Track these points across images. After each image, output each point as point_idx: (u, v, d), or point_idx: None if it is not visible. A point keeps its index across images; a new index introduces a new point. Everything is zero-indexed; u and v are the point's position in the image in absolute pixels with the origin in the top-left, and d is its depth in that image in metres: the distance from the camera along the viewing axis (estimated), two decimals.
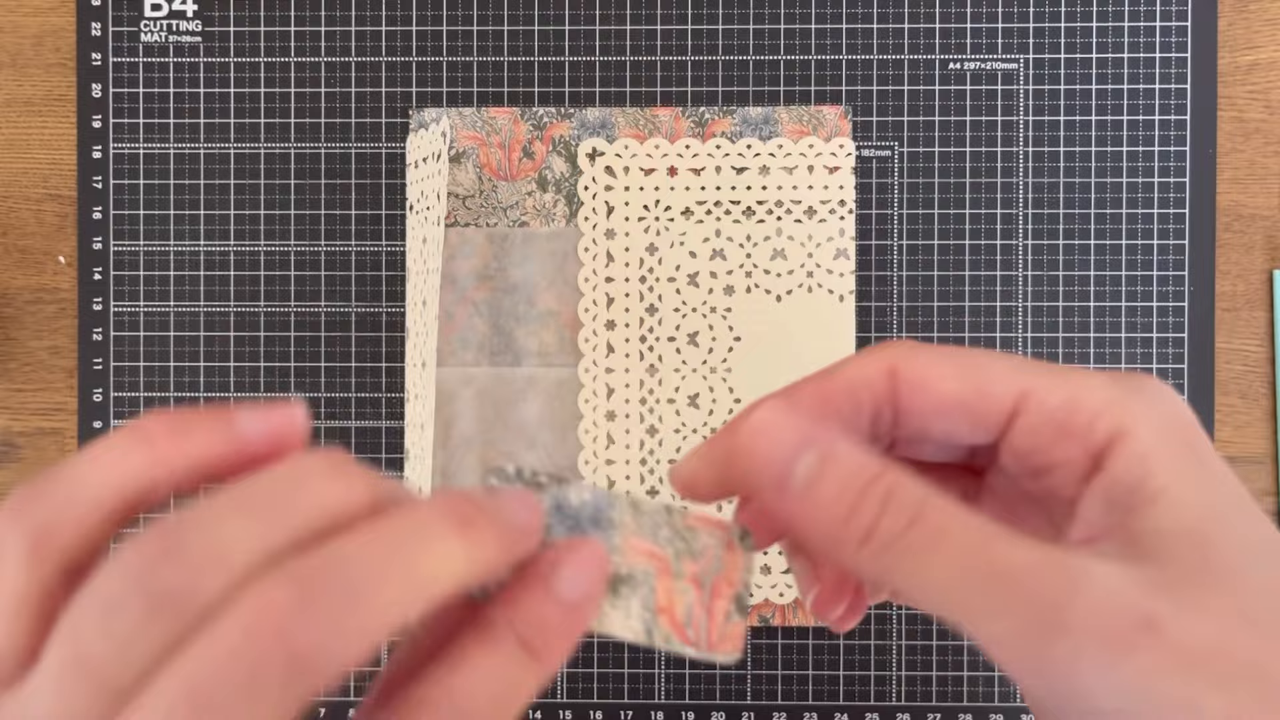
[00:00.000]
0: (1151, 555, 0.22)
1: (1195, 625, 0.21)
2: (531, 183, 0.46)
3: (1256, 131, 0.47)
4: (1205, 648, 0.20)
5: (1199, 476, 0.23)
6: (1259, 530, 0.22)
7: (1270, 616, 0.21)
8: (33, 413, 0.47)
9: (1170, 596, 0.21)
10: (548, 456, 0.46)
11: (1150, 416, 0.23)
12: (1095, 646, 0.20)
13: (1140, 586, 0.21)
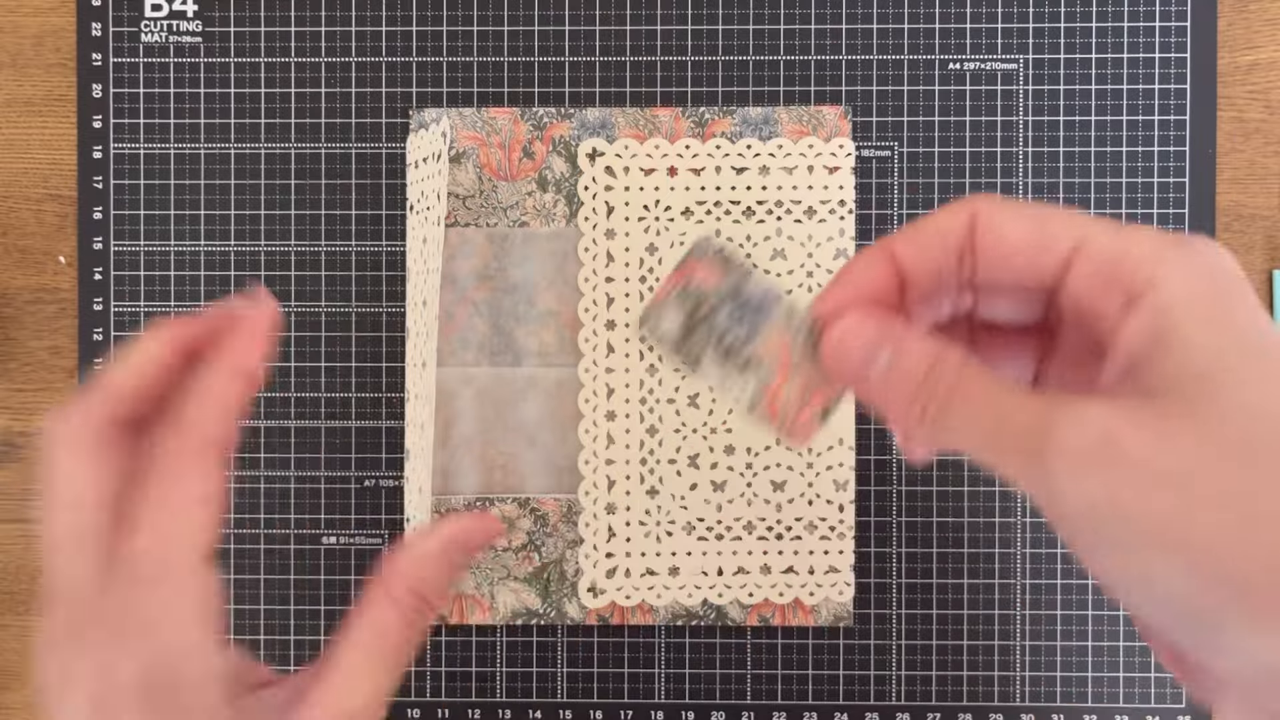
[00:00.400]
0: (1149, 394, 0.24)
1: (1161, 446, 0.23)
2: (531, 183, 0.46)
3: (1256, 132, 0.47)
4: (1171, 468, 0.23)
5: (1220, 325, 0.24)
6: (1265, 376, 0.24)
7: (1252, 450, 0.23)
8: (33, 413, 0.47)
9: (1139, 421, 0.23)
10: (548, 456, 0.46)
11: (1184, 268, 0.25)
12: (1064, 463, 0.23)
13: (1114, 414, 0.24)
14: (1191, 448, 0.23)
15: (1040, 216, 0.27)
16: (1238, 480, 0.23)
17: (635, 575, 0.46)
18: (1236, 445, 0.23)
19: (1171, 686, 0.46)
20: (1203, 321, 0.24)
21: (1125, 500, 0.23)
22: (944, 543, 0.46)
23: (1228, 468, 0.23)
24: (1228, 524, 0.22)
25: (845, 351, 0.28)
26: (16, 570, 0.47)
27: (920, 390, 0.27)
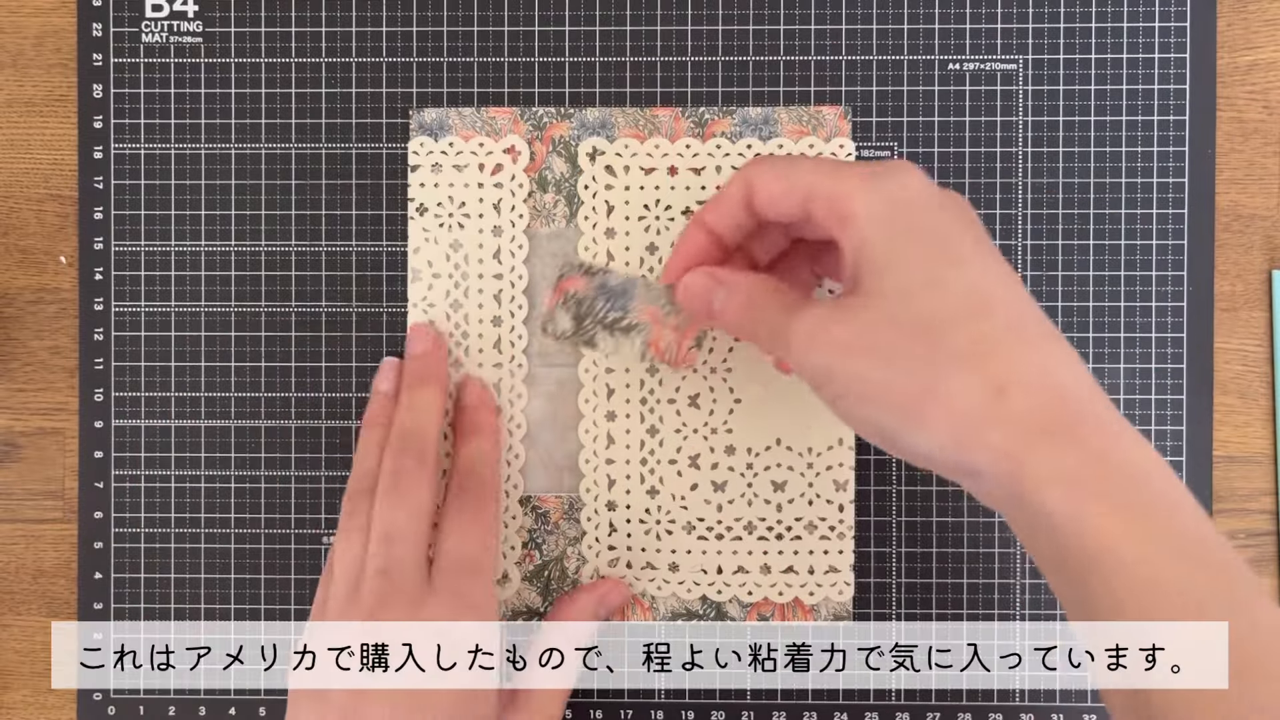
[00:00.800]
0: (853, 291, 0.35)
1: (850, 328, 0.34)
2: (532, 183, 0.46)
3: (1255, 132, 0.47)
4: (855, 342, 0.34)
5: (891, 233, 0.34)
6: (912, 261, 0.34)
7: (896, 319, 0.33)
8: (34, 412, 0.47)
9: (841, 312, 0.34)
10: (548, 455, 0.46)
11: (871, 195, 0.35)
12: (797, 345, 0.35)
13: (826, 310, 0.35)
14: (867, 325, 0.34)
15: (788, 172, 0.37)
16: (889, 342, 0.33)
17: (636, 568, 0.46)
18: (889, 317, 0.34)
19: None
20: (881, 233, 0.34)
21: (834, 367, 0.34)
22: (944, 543, 0.46)
23: (884, 334, 0.33)
24: (889, 373, 0.33)
25: (694, 296, 0.39)
26: (17, 570, 0.47)
27: (750, 314, 0.38)
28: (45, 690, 0.47)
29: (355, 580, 0.40)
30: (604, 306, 0.42)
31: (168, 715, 0.47)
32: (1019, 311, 0.33)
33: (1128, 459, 0.32)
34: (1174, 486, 0.32)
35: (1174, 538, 0.31)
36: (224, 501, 0.47)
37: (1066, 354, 0.33)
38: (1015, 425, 0.32)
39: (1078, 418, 0.32)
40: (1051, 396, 0.32)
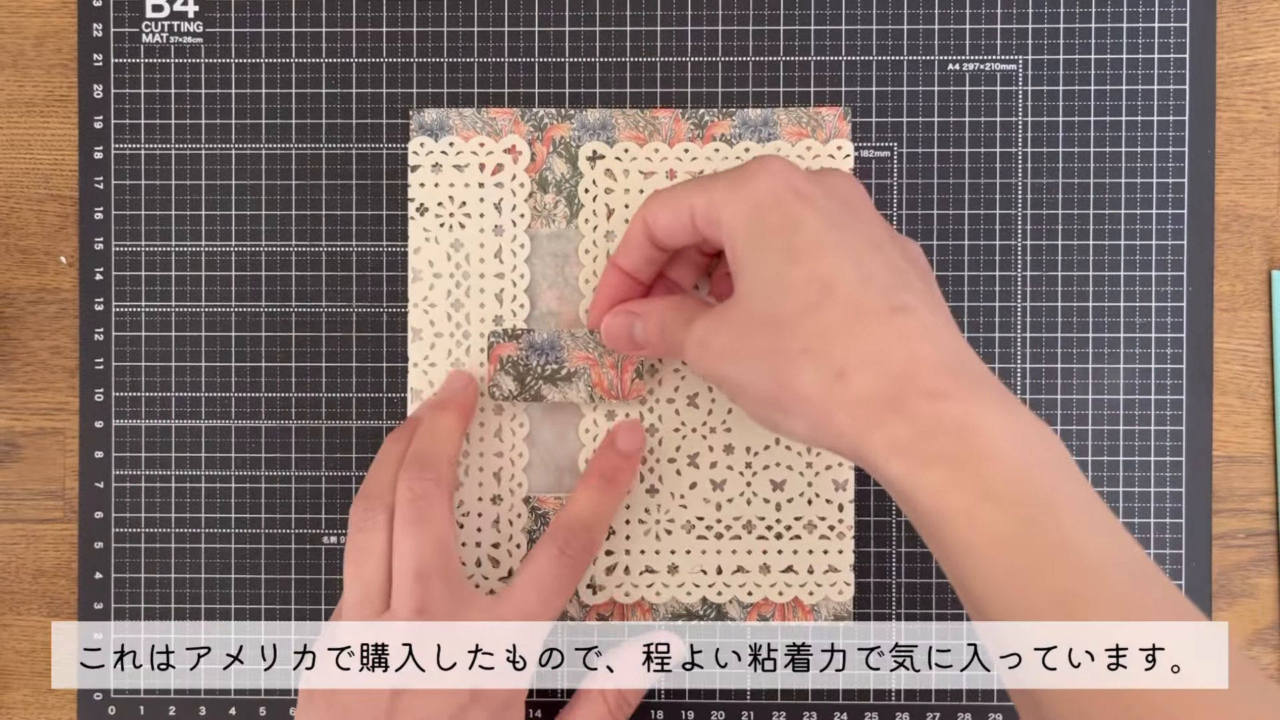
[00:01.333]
0: (724, 303, 0.38)
1: (724, 335, 0.37)
2: (533, 183, 0.46)
3: (1255, 132, 0.47)
4: (727, 347, 0.37)
5: (750, 236, 0.36)
6: (763, 262, 0.36)
7: (753, 319, 0.36)
8: (34, 413, 0.47)
9: (716, 322, 0.38)
10: (548, 455, 0.46)
11: (732, 203, 0.37)
12: (689, 357, 0.39)
13: (706, 322, 0.38)
14: (733, 329, 0.37)
15: (672, 199, 0.39)
16: (749, 345, 0.36)
17: (635, 572, 0.46)
18: (748, 319, 0.36)
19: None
20: (742, 236, 0.37)
21: (718, 373, 0.38)
22: None
23: (745, 337, 0.36)
24: (753, 375, 0.36)
25: (614, 336, 0.43)
26: (17, 570, 0.47)
27: (661, 339, 0.41)
28: (45, 690, 0.47)
29: (376, 613, 0.40)
30: (539, 362, 0.45)
31: (168, 715, 0.47)
32: (860, 293, 0.34)
33: (958, 420, 0.32)
34: (1005, 436, 0.32)
35: (991, 484, 0.32)
36: (224, 501, 0.47)
37: (913, 325, 0.34)
38: (856, 407, 0.33)
39: (912, 390, 0.33)
40: (886, 374, 0.33)
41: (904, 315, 0.34)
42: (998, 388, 0.34)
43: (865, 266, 0.35)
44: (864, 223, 0.37)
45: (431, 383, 0.46)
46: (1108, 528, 0.33)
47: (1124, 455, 0.46)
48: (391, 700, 0.38)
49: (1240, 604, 0.47)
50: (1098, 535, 0.32)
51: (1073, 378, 0.46)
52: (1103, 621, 0.31)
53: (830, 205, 0.36)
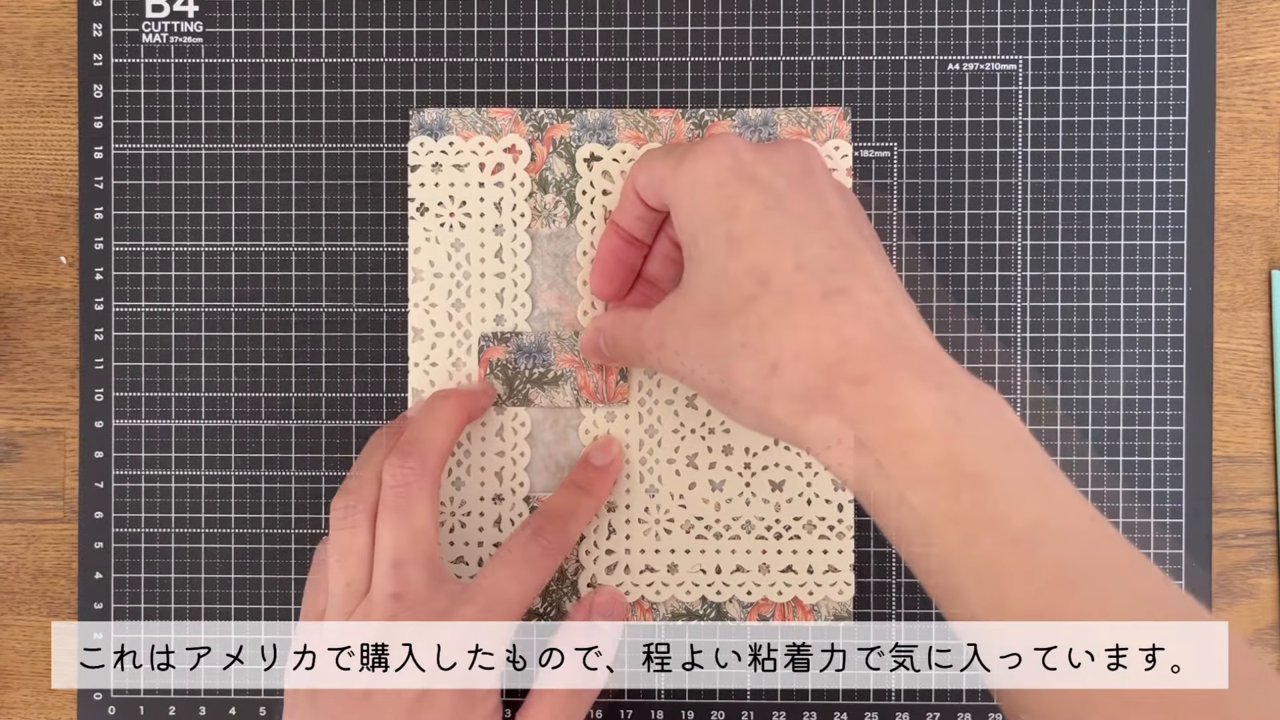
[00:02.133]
0: (672, 293, 0.39)
1: (676, 329, 0.37)
2: (533, 183, 0.46)
3: (1255, 132, 0.47)
4: (678, 340, 0.37)
5: (695, 217, 0.37)
6: (710, 245, 0.36)
7: (701, 304, 0.36)
8: (34, 413, 0.47)
9: (667, 315, 0.38)
10: (548, 455, 0.46)
11: (679, 184, 0.37)
12: (651, 361, 0.40)
13: (657, 316, 0.39)
14: (682, 324, 0.37)
15: (649, 160, 0.39)
16: (696, 340, 0.36)
17: (635, 571, 0.46)
18: (694, 313, 0.36)
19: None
20: (685, 224, 0.37)
21: (674, 368, 0.38)
22: None
23: (693, 332, 0.36)
24: (702, 370, 0.36)
25: (590, 350, 0.44)
26: (17, 570, 0.47)
27: (629, 349, 0.41)
28: (45, 690, 0.47)
29: (358, 601, 0.40)
30: (527, 365, 0.46)
31: (168, 715, 0.47)
32: (794, 281, 0.34)
33: (882, 403, 0.32)
34: (931, 414, 0.32)
35: (917, 465, 0.32)
36: (224, 501, 0.47)
37: (846, 309, 0.34)
38: (790, 400, 0.34)
39: (839, 377, 0.33)
40: (815, 364, 0.33)
41: (839, 299, 0.34)
42: (934, 362, 0.34)
43: (803, 251, 0.35)
44: (811, 197, 0.37)
45: (432, 382, 0.46)
46: (1043, 495, 0.32)
47: (1124, 455, 0.46)
48: (363, 693, 0.38)
49: (1240, 604, 0.47)
50: (1029, 503, 0.32)
51: (1073, 378, 0.46)
52: (1033, 591, 0.31)
53: (775, 181, 0.36)
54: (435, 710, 0.38)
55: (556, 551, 0.43)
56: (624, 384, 0.46)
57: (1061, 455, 0.46)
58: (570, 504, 0.44)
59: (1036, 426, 0.46)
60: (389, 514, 0.40)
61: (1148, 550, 0.46)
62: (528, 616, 0.46)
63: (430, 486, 0.41)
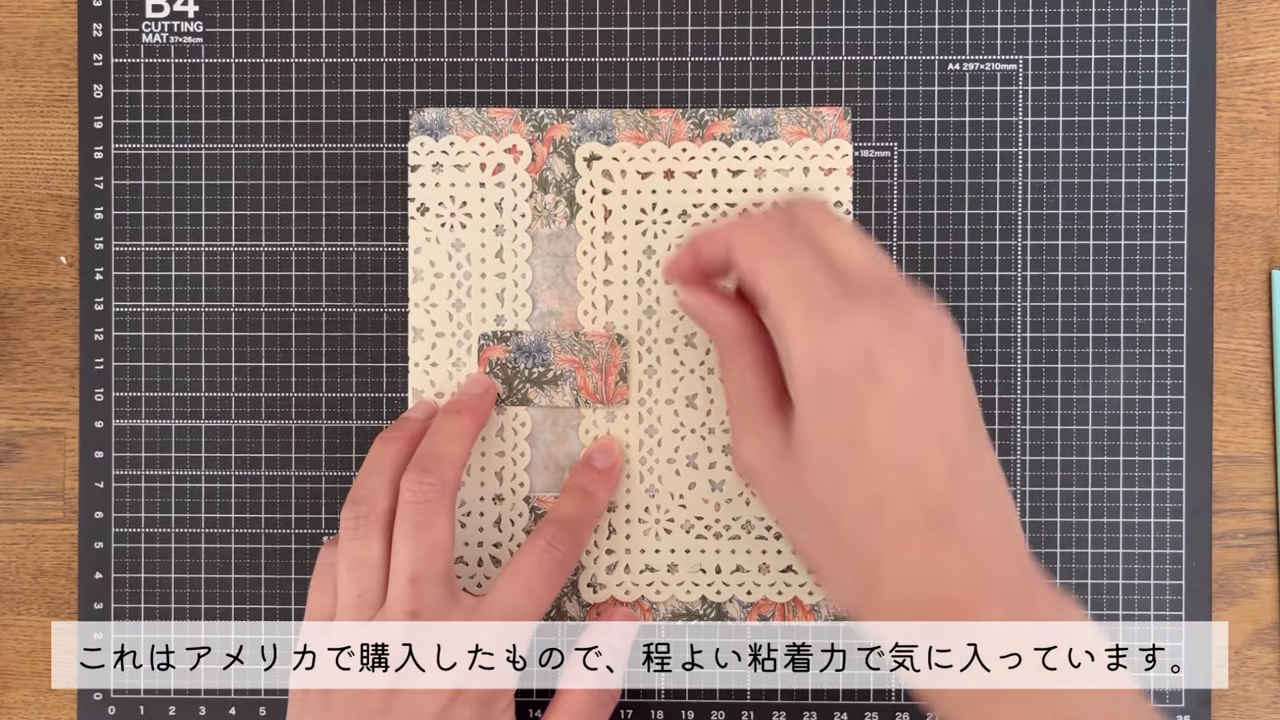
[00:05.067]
0: (782, 435, 0.38)
1: (773, 466, 0.38)
2: (533, 183, 0.46)
3: (1255, 132, 0.47)
4: (775, 486, 0.39)
5: (819, 403, 0.36)
6: (836, 453, 0.35)
7: (814, 497, 0.36)
8: (34, 413, 0.47)
9: (763, 446, 0.38)
10: (548, 455, 0.46)
11: (804, 356, 0.35)
12: (742, 477, 0.44)
13: (756, 445, 0.39)
14: (785, 482, 0.38)
15: (756, 263, 0.37)
16: (801, 510, 0.37)
17: (635, 571, 0.46)
18: (803, 483, 0.37)
19: (1170, 686, 0.46)
20: (806, 397, 0.36)
21: (759, 488, 0.39)
22: None
23: (798, 501, 0.37)
24: (799, 535, 0.39)
25: (691, 309, 0.41)
26: (17, 570, 0.47)
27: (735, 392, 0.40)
28: (45, 690, 0.47)
29: (370, 613, 0.40)
30: (526, 365, 0.46)
31: (168, 715, 0.47)
32: (911, 511, 0.35)
33: (966, 633, 0.34)
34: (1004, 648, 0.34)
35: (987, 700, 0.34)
36: (224, 501, 0.47)
37: (954, 539, 0.34)
38: (882, 612, 0.35)
39: (933, 602, 0.34)
40: (914, 586, 0.34)
41: (947, 528, 0.34)
42: (1023, 593, 0.35)
43: (924, 477, 0.35)
44: (939, 400, 0.35)
45: (433, 382, 0.46)
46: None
47: (1124, 455, 0.46)
48: (385, 699, 0.39)
49: (1240, 604, 0.47)
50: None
51: (1073, 378, 0.46)
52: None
53: (907, 380, 0.35)
54: (454, 715, 0.39)
55: (569, 563, 0.43)
56: (623, 384, 0.46)
57: (1062, 455, 0.46)
58: (576, 511, 0.44)
59: (1037, 426, 0.46)
60: (408, 529, 0.40)
61: (1148, 550, 0.46)
62: None
63: (449, 502, 0.41)
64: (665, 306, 0.46)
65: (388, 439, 0.44)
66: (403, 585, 0.40)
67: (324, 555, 0.43)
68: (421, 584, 0.40)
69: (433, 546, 0.40)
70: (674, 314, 0.46)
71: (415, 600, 0.40)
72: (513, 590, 0.41)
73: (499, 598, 0.41)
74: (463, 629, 0.40)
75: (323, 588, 0.42)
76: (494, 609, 0.41)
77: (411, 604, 0.40)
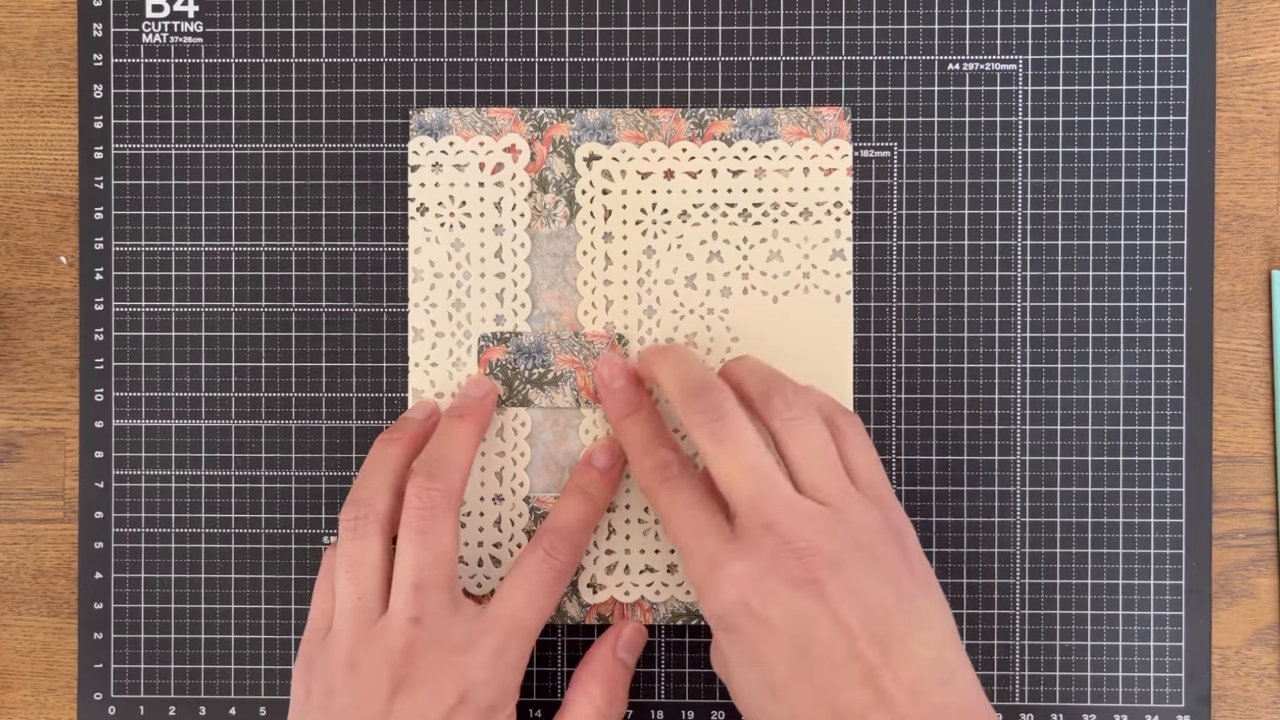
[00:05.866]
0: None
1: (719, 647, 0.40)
2: (533, 182, 0.46)
3: (1255, 132, 0.47)
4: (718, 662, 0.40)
5: (733, 649, 0.38)
6: (762, 694, 0.37)
7: (749, 697, 0.38)
8: (34, 413, 0.47)
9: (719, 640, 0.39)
10: (548, 454, 0.46)
11: (704, 605, 0.38)
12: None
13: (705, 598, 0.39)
14: (728, 661, 0.39)
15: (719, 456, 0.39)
16: (741, 679, 0.38)
17: (635, 571, 0.46)
18: (739, 679, 0.39)
19: (1171, 687, 0.46)
20: (725, 640, 0.39)
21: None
22: (944, 542, 0.46)
23: (737, 674, 0.38)
24: (742, 693, 0.39)
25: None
26: (17, 570, 0.47)
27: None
28: (45, 690, 0.47)
29: (371, 619, 0.40)
30: (527, 366, 0.46)
31: (168, 715, 0.47)
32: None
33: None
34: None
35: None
36: (224, 501, 0.47)
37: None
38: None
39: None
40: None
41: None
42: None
43: (836, 703, 0.35)
44: (828, 623, 0.36)
45: (433, 382, 0.46)
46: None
47: (1124, 455, 0.46)
48: (386, 706, 0.39)
49: (1240, 604, 0.47)
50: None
51: (1073, 378, 0.46)
52: None
53: (785, 619, 0.36)
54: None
55: (569, 570, 0.43)
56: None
57: (1061, 455, 0.46)
58: (576, 514, 0.44)
59: (1037, 426, 0.46)
60: (414, 535, 0.40)
61: (1148, 550, 0.46)
62: None
63: (454, 509, 0.41)
64: (665, 306, 0.46)
65: (388, 440, 0.44)
66: (407, 592, 0.40)
67: (327, 558, 0.43)
68: (425, 591, 0.40)
69: (438, 553, 0.40)
70: (674, 314, 0.46)
71: (418, 607, 0.39)
72: (514, 601, 0.41)
73: (500, 608, 0.41)
74: (465, 639, 0.40)
75: (325, 592, 0.42)
76: (497, 624, 0.41)
77: (414, 611, 0.39)
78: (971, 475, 0.46)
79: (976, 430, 0.46)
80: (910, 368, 0.46)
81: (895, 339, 0.46)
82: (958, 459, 0.46)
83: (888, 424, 0.46)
